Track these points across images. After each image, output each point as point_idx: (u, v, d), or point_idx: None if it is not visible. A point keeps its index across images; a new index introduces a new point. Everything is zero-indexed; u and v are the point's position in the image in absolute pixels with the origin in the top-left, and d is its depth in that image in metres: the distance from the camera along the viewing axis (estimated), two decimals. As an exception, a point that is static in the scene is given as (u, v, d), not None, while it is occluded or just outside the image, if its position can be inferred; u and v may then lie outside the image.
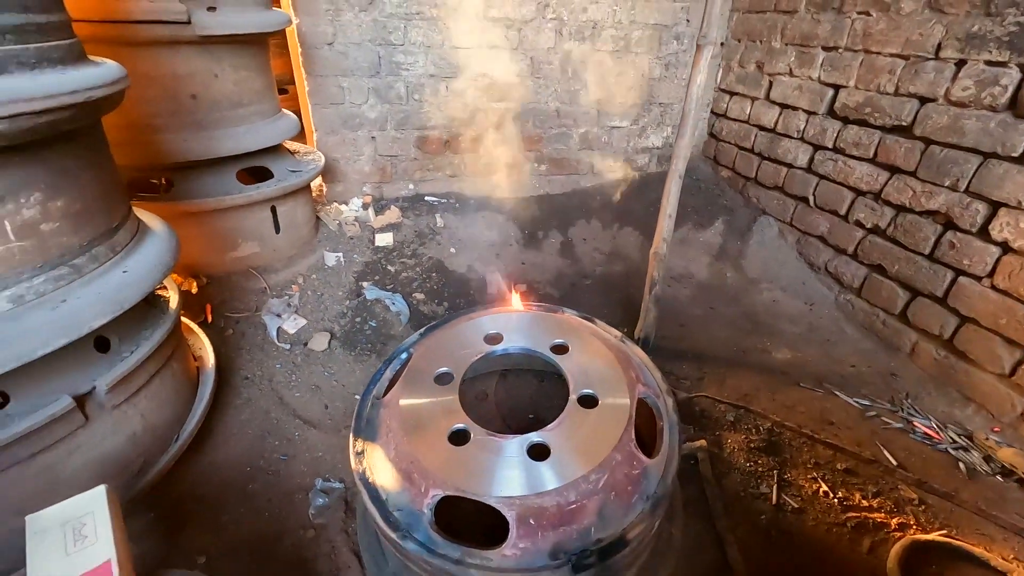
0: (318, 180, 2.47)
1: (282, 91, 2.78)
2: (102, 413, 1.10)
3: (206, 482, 1.35)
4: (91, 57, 1.10)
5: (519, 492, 0.97)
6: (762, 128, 2.52)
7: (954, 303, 1.73)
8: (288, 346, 1.80)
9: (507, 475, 1.00)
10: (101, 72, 1.01)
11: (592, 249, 2.64)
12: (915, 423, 1.64)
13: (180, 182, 1.76)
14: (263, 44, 1.87)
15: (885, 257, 1.95)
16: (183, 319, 1.64)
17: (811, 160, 2.25)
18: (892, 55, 1.84)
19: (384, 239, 2.37)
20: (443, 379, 1.22)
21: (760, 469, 1.48)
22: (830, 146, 2.14)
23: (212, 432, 1.45)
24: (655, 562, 1.25)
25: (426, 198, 2.65)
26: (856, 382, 1.84)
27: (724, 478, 1.47)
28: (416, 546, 0.96)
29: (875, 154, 1.95)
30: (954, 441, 1.57)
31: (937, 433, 1.59)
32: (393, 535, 0.98)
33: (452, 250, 2.42)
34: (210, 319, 1.76)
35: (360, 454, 1.11)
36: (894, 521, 1.34)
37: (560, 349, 1.30)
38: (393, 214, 2.51)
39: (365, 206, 2.53)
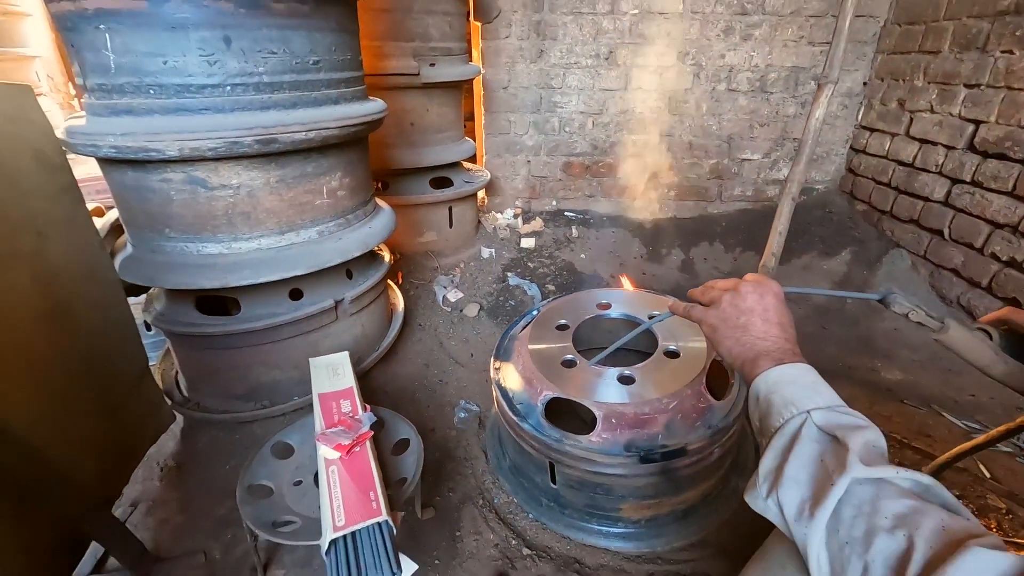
0: (482, 192, 3.10)
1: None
2: (344, 316, 1.73)
3: (389, 384, 1.92)
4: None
5: (607, 400, 1.34)
6: (900, 163, 2.55)
7: (1093, 339, 1.66)
8: (449, 309, 2.37)
9: (600, 390, 1.38)
10: (377, 105, 1.66)
11: (711, 268, 2.87)
12: (1028, 451, 1.61)
13: (392, 183, 2.47)
14: (459, 88, 2.54)
15: (1021, 290, 1.91)
16: (388, 281, 2.30)
17: (948, 194, 2.26)
18: (1034, 91, 1.87)
19: (528, 242, 2.89)
20: (562, 328, 1.63)
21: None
22: (968, 180, 2.15)
23: (396, 353, 2.04)
24: (716, 498, 1.49)
25: (565, 213, 3.13)
26: (971, 409, 1.83)
27: (801, 459, 1.64)
28: (530, 427, 1.37)
29: (1014, 187, 1.94)
30: (1071, 473, 1.52)
31: (1051, 462, 1.56)
32: (515, 419, 1.40)
33: (582, 256, 2.85)
34: (400, 282, 2.41)
35: (497, 369, 1.57)
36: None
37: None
38: (537, 224, 3.03)
39: (516, 216, 3.09)
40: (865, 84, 2.82)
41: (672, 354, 1.48)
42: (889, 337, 2.26)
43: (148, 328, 2.09)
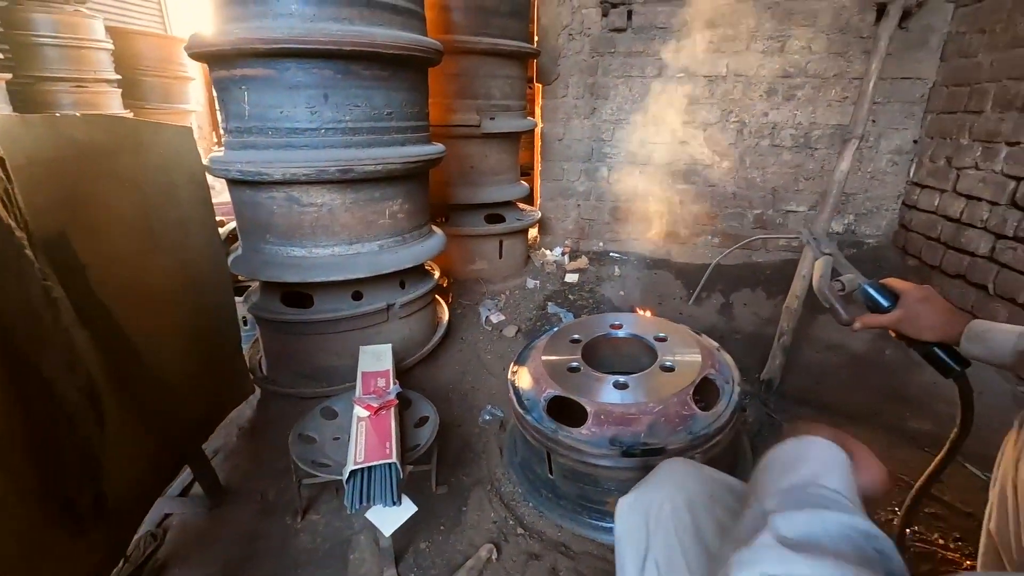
0: (534, 230, 3.42)
1: (525, 174, 3.92)
2: (394, 319, 2.06)
3: (428, 383, 2.21)
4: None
5: (599, 400, 1.53)
6: (948, 218, 2.54)
7: None
8: (490, 328, 2.65)
9: (596, 392, 1.57)
10: (436, 148, 2.05)
11: (750, 313, 2.93)
12: (1053, 508, 1.54)
13: (452, 216, 2.86)
14: (516, 138, 2.92)
15: (1062, 347, 1.84)
16: (437, 297, 2.64)
17: (992, 249, 2.23)
18: (1068, 149, 1.88)
19: (572, 277, 3.13)
20: (575, 342, 1.85)
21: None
22: (1010, 235, 2.13)
23: (437, 358, 2.34)
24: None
25: (611, 253, 3.35)
26: (1000, 464, 1.76)
27: (800, 488, 1.69)
28: (533, 419, 1.58)
29: (1053, 243, 1.92)
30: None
31: (1076, 520, 1.48)
32: (521, 412, 1.62)
33: (621, 293, 3.04)
34: (450, 301, 2.74)
35: (515, 372, 1.80)
36: (967, 563, 1.38)
37: (660, 339, 1.80)
38: (582, 262, 3.27)
39: (563, 254, 3.36)
40: (915, 142, 2.85)
41: (667, 368, 1.64)
42: (926, 390, 2.20)
43: (244, 324, 2.57)
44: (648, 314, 2.14)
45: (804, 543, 0.44)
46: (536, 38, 3.06)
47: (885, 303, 1.07)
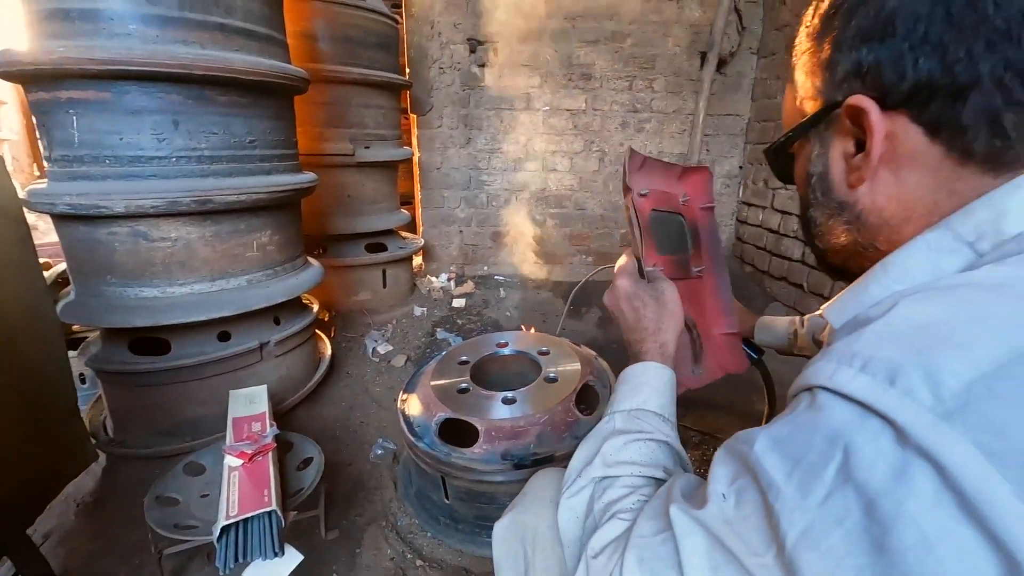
0: (419, 258, 3.41)
1: (406, 202, 3.91)
2: (269, 358, 1.92)
3: (312, 423, 2.07)
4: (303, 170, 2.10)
5: (488, 417, 1.56)
6: (770, 230, 3.03)
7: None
8: (377, 360, 2.57)
9: (486, 410, 1.60)
10: (308, 177, 1.98)
11: (624, 323, 3.19)
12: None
13: (331, 247, 2.76)
14: (394, 167, 2.93)
15: (857, 330, 2.28)
16: (318, 332, 2.51)
17: (803, 254, 2.70)
18: (844, 171, 2.36)
19: (459, 302, 3.17)
20: (463, 363, 1.87)
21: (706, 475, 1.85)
22: (814, 242, 2.60)
23: (321, 396, 2.21)
24: (595, 509, 1.67)
25: (495, 277, 3.46)
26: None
27: (675, 477, 1.86)
28: (425, 445, 1.56)
29: (842, 246, 2.38)
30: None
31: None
32: (412, 439, 1.59)
33: (508, 313, 3.13)
34: (333, 335, 2.62)
35: (404, 400, 1.77)
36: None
37: (544, 353, 1.90)
38: (469, 286, 3.33)
39: (449, 279, 3.39)
40: (741, 168, 3.37)
41: (551, 380, 1.73)
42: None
43: (83, 381, 2.21)
44: (532, 331, 2.24)
45: (620, 461, 0.67)
46: (407, 70, 3.12)
47: None
